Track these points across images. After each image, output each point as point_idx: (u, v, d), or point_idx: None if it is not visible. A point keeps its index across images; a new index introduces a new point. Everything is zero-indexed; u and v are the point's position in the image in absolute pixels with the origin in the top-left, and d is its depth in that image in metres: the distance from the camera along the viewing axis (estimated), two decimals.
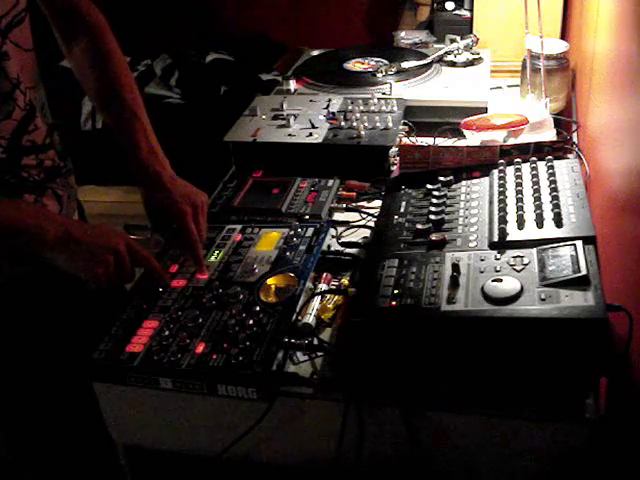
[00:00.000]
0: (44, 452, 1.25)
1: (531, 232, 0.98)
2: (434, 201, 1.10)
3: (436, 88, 1.62)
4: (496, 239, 0.97)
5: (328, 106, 1.53)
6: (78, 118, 2.64)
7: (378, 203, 1.27)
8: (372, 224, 1.21)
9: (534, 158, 1.17)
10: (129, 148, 1.13)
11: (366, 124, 1.42)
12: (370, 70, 1.72)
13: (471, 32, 1.85)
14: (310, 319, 0.98)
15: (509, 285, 0.86)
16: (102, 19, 1.22)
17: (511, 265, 0.91)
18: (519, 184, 1.10)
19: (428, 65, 1.71)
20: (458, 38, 1.77)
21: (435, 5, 2.11)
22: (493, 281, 0.87)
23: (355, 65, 1.77)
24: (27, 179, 1.10)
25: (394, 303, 0.88)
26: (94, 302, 1.11)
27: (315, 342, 0.96)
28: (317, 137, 1.39)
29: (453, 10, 2.08)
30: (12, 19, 1.04)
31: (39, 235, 0.97)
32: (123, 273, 1.01)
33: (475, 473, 0.92)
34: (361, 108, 1.50)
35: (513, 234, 0.98)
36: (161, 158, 1.14)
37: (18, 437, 1.23)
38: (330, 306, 1.03)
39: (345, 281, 1.08)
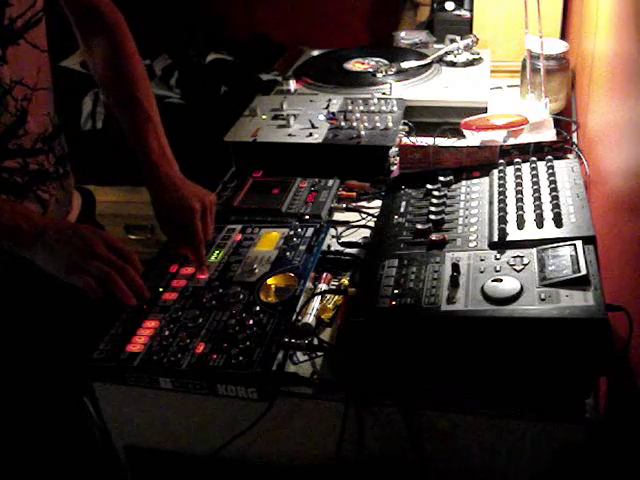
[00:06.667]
0: (44, 452, 1.25)
1: (531, 232, 0.98)
2: (434, 201, 1.10)
3: (436, 88, 1.62)
4: (496, 239, 0.97)
5: (328, 106, 1.53)
6: (78, 118, 2.63)
7: (378, 203, 1.27)
8: (372, 224, 1.21)
9: (534, 158, 1.17)
10: (141, 149, 1.14)
11: (366, 124, 1.42)
12: (370, 70, 1.72)
13: (471, 32, 1.86)
14: (310, 319, 0.98)
15: (509, 285, 0.86)
16: (122, 19, 1.23)
17: (511, 265, 0.91)
18: (519, 184, 1.10)
19: (428, 65, 1.71)
20: (458, 38, 1.77)
21: (435, 5, 2.11)
22: (493, 281, 0.87)
23: (355, 65, 1.77)
24: (7, 180, 1.08)
25: (394, 303, 0.88)
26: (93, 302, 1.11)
27: (315, 342, 0.96)
28: (317, 137, 1.39)
29: (453, 10, 2.08)
30: (29, 19, 1.05)
31: (14, 232, 0.96)
32: (115, 274, 0.97)
33: (475, 473, 0.92)
34: (361, 108, 1.50)
35: (513, 234, 0.98)
36: (170, 160, 1.15)
37: (17, 438, 1.23)
38: (330, 306, 1.03)
39: (345, 281, 1.08)
